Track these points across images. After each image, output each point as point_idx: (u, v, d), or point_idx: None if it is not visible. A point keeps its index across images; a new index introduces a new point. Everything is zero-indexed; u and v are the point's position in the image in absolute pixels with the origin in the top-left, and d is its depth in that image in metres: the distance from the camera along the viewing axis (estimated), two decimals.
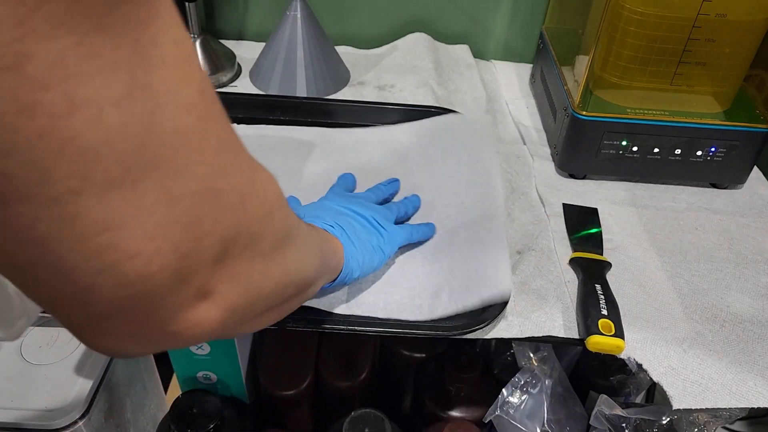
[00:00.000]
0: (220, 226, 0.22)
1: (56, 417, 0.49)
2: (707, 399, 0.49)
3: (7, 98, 0.15)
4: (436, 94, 0.78)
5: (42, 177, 0.16)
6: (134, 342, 0.23)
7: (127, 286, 0.19)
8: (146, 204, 0.19)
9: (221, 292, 0.23)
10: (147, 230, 0.19)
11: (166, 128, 0.19)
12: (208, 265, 0.22)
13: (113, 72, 0.17)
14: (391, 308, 0.51)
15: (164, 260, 0.20)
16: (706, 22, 0.59)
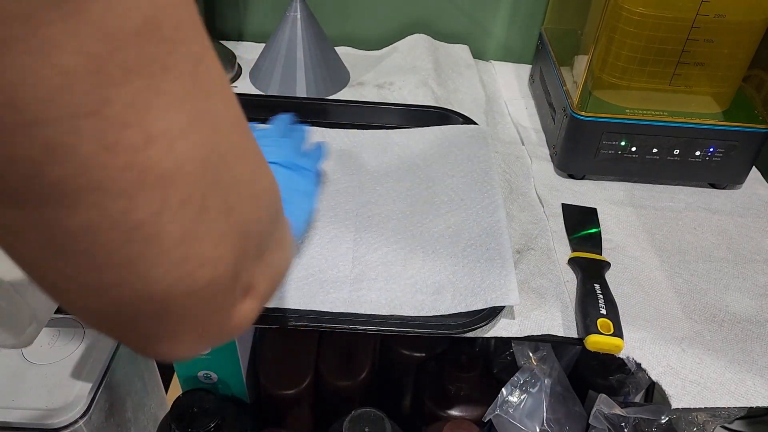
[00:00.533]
0: (260, 225, 0.24)
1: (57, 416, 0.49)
2: (706, 398, 0.49)
3: (93, 139, 0.17)
4: (436, 94, 0.78)
5: (128, 205, 0.18)
6: (197, 343, 0.25)
7: (199, 291, 0.21)
8: (212, 217, 0.21)
9: (259, 284, 0.25)
10: (213, 239, 0.21)
11: (222, 148, 0.21)
12: (252, 262, 0.24)
13: (179, 105, 0.19)
14: (393, 305, 0.51)
15: (225, 264, 0.22)
16: (705, 22, 0.59)
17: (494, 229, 0.57)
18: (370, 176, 0.64)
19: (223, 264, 0.22)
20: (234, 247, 0.22)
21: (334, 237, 0.57)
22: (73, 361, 0.53)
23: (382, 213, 0.60)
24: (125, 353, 0.57)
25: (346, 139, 0.69)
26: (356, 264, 0.55)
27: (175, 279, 0.21)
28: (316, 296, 0.51)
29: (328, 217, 0.59)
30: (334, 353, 0.67)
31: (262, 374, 0.65)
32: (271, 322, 0.50)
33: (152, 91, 0.18)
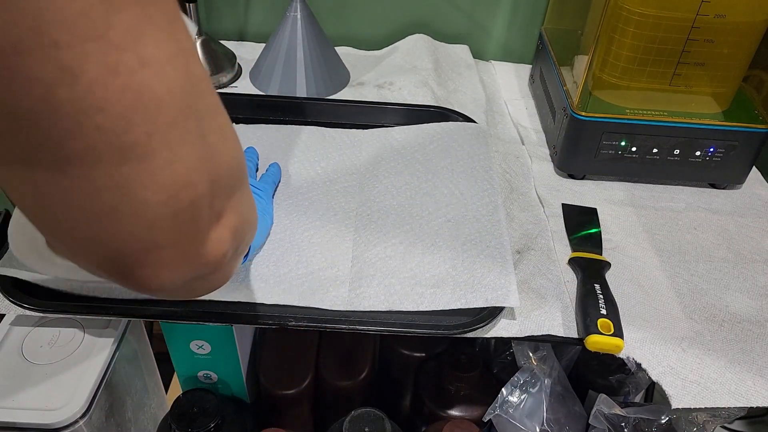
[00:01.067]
0: (228, 160, 0.26)
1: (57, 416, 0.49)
2: (706, 398, 0.49)
3: (98, 61, 0.19)
4: (436, 94, 0.78)
5: (126, 126, 0.20)
6: (177, 271, 0.26)
7: (181, 213, 0.23)
8: (192, 140, 0.22)
9: (228, 216, 0.27)
10: (193, 162, 0.23)
11: (196, 78, 0.23)
12: (223, 194, 0.26)
13: (166, 34, 0.21)
14: (393, 300, 0.51)
15: (203, 187, 0.24)
16: (705, 22, 0.59)
17: (494, 228, 0.57)
18: (369, 174, 0.64)
19: (201, 186, 0.24)
20: (209, 172, 0.24)
21: (333, 236, 0.57)
22: (73, 361, 0.53)
23: (381, 209, 0.60)
24: (125, 353, 0.57)
25: (345, 139, 0.69)
26: (356, 262, 0.55)
27: (162, 200, 0.22)
28: (315, 294, 0.51)
29: (328, 217, 0.59)
30: (334, 353, 0.67)
31: (262, 374, 0.65)
32: (271, 322, 0.50)
33: (145, 18, 0.20)
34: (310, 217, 0.59)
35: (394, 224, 0.58)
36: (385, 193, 0.62)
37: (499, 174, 0.67)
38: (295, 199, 0.61)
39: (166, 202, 0.22)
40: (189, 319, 0.50)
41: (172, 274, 0.25)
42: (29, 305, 0.50)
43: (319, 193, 0.62)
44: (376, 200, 0.61)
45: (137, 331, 0.61)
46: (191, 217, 0.24)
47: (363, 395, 0.68)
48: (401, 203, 0.60)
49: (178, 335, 0.60)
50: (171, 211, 0.23)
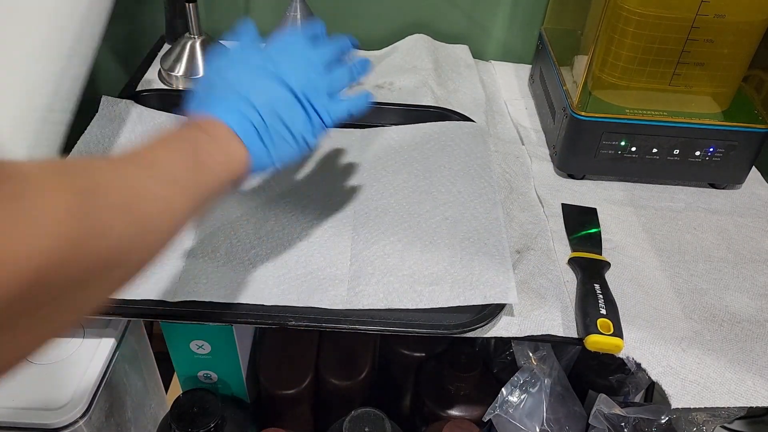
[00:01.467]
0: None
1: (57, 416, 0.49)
2: (706, 398, 0.49)
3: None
4: (436, 94, 0.78)
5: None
6: None
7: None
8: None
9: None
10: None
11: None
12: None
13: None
14: (392, 298, 0.51)
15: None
16: (705, 22, 0.60)
17: (492, 225, 0.58)
18: (367, 173, 0.64)
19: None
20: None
21: (332, 235, 0.57)
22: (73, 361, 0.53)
23: (379, 207, 0.60)
24: (125, 353, 0.57)
25: (343, 138, 0.69)
26: (354, 261, 0.55)
27: None
28: (314, 294, 0.51)
29: (326, 216, 0.59)
30: (334, 353, 0.67)
31: (262, 374, 0.65)
32: (271, 322, 0.50)
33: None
34: (308, 216, 0.59)
35: (393, 223, 0.58)
36: (383, 192, 0.62)
37: (498, 173, 0.67)
38: (294, 199, 0.61)
39: None
40: (189, 319, 0.50)
41: None
42: None
43: (318, 193, 0.62)
44: (374, 199, 0.61)
45: (137, 331, 0.61)
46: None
47: (363, 395, 0.68)
48: (399, 202, 0.61)
49: (178, 335, 0.60)
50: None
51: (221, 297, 0.51)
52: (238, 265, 0.54)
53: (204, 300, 0.51)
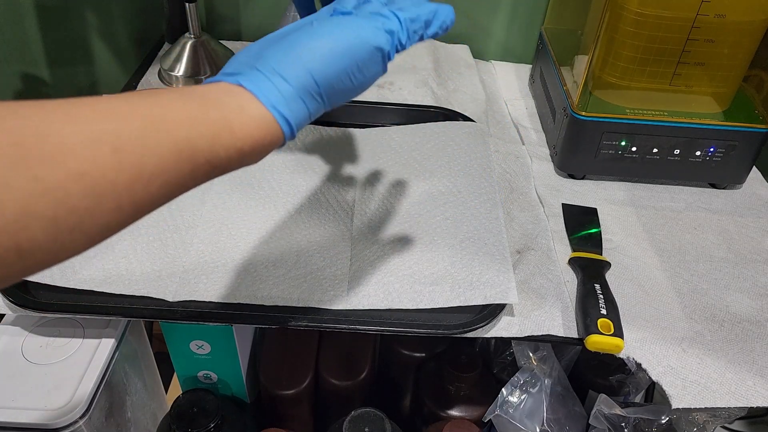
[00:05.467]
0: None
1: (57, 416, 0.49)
2: (706, 398, 0.49)
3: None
4: (436, 94, 0.78)
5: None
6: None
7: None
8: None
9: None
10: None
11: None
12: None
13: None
14: (392, 298, 0.51)
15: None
16: (705, 22, 0.59)
17: (492, 226, 0.58)
18: (366, 173, 0.65)
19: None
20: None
21: (332, 235, 0.57)
22: (73, 361, 0.53)
23: (379, 207, 0.60)
24: (125, 353, 0.57)
25: (344, 138, 0.69)
26: (354, 261, 0.55)
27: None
28: (314, 294, 0.51)
29: (326, 216, 0.59)
30: (334, 353, 0.67)
31: (262, 374, 0.65)
32: (271, 322, 0.50)
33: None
34: (308, 216, 0.59)
35: (392, 223, 0.58)
36: (382, 192, 0.62)
37: (498, 173, 0.67)
38: (293, 199, 0.61)
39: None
40: (189, 319, 0.50)
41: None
42: (29, 305, 0.50)
43: (318, 193, 0.62)
44: (374, 199, 0.61)
45: (137, 331, 0.61)
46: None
47: (363, 395, 0.68)
48: (399, 202, 0.61)
49: (178, 335, 0.60)
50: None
51: (221, 297, 0.51)
52: (238, 265, 0.54)
53: (204, 300, 0.51)
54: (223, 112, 0.31)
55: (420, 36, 0.39)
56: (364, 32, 0.35)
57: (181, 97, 0.30)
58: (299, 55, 0.34)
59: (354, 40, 0.35)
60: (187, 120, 0.29)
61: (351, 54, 0.35)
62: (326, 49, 0.34)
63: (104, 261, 0.52)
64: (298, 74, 0.33)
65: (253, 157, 0.33)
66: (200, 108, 0.30)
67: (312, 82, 0.33)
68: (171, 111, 0.29)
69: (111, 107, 0.27)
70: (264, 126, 0.32)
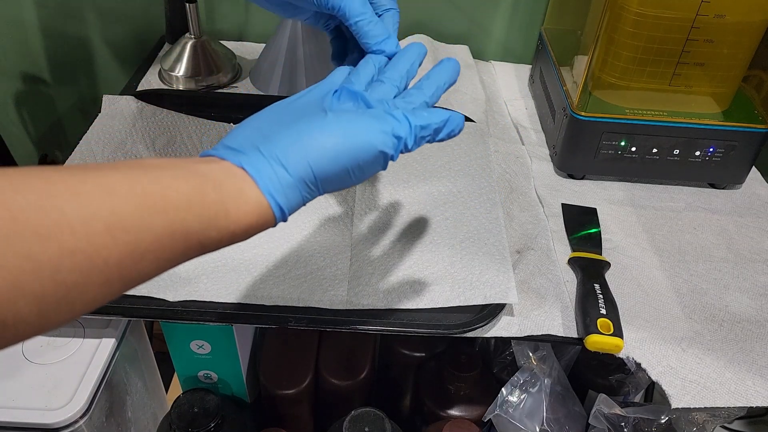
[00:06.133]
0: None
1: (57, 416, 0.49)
2: (706, 398, 0.49)
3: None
4: None
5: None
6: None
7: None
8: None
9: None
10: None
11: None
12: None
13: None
14: (392, 298, 0.51)
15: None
16: (705, 22, 0.60)
17: (492, 226, 0.58)
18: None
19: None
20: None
21: (332, 235, 0.57)
22: (73, 361, 0.53)
23: (379, 207, 0.60)
24: (125, 353, 0.57)
25: None
26: (354, 260, 0.55)
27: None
28: (314, 294, 0.51)
29: (326, 216, 0.59)
30: (334, 353, 0.67)
31: (262, 374, 0.65)
32: (271, 322, 0.50)
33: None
34: (308, 216, 0.59)
35: (392, 223, 0.58)
36: (382, 192, 0.62)
37: (498, 173, 0.67)
38: None
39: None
40: (189, 319, 0.50)
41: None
42: None
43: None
44: (374, 199, 0.61)
45: (137, 331, 0.61)
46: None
47: (363, 395, 0.68)
48: (399, 202, 0.61)
49: (178, 335, 0.60)
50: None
51: (221, 297, 0.51)
52: (238, 265, 0.54)
53: (204, 300, 0.51)
54: (221, 195, 0.31)
55: (427, 141, 0.39)
56: (372, 135, 0.35)
57: (183, 175, 0.30)
58: (304, 148, 0.34)
59: (361, 142, 0.35)
60: (185, 202, 0.29)
61: (355, 154, 0.35)
62: (331, 147, 0.34)
63: None
64: (299, 166, 0.33)
65: (243, 238, 0.33)
66: (199, 190, 0.30)
67: (311, 176, 0.34)
68: (170, 190, 0.29)
69: (113, 184, 0.27)
70: (258, 211, 0.32)
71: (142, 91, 0.74)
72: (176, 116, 0.70)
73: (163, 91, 0.77)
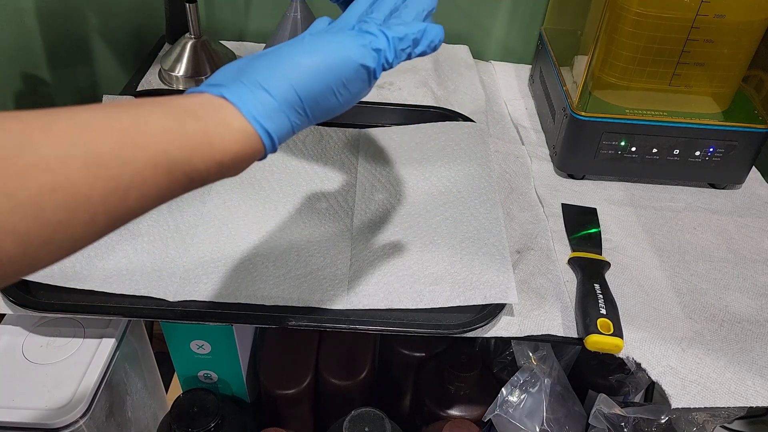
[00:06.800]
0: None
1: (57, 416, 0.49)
2: (706, 398, 0.49)
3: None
4: (436, 94, 0.78)
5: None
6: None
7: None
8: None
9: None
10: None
11: None
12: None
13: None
14: (392, 298, 0.51)
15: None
16: (705, 22, 0.60)
17: (492, 225, 0.58)
18: (367, 173, 0.65)
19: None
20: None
21: (332, 235, 0.57)
22: (73, 361, 0.53)
23: (379, 208, 0.60)
24: (125, 353, 0.57)
25: (344, 138, 0.69)
26: (354, 260, 0.55)
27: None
28: (314, 294, 0.51)
29: (326, 216, 0.59)
30: (334, 353, 0.67)
31: (262, 374, 0.65)
32: (271, 322, 0.50)
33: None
34: (308, 216, 0.59)
35: (392, 222, 0.58)
36: (382, 192, 0.62)
37: (498, 173, 0.67)
38: (293, 199, 0.61)
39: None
40: (189, 319, 0.50)
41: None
42: (30, 305, 0.50)
43: (318, 193, 0.62)
44: (374, 199, 0.61)
45: (137, 331, 0.61)
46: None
47: (363, 395, 0.68)
48: (399, 202, 0.61)
49: (178, 335, 0.60)
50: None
51: (221, 297, 0.51)
52: (238, 265, 0.54)
53: (204, 300, 0.51)
54: (202, 124, 0.30)
55: (408, 54, 0.39)
56: (350, 50, 0.35)
57: (161, 109, 0.30)
58: (284, 69, 0.33)
59: (340, 57, 0.35)
60: (164, 133, 0.29)
61: (336, 70, 0.35)
62: (311, 64, 0.34)
63: (105, 261, 0.53)
64: (281, 88, 0.33)
65: (233, 170, 0.32)
66: (179, 120, 0.30)
67: (296, 97, 0.33)
68: (148, 124, 0.29)
69: (88, 121, 0.27)
70: (244, 139, 0.32)
71: (142, 91, 0.74)
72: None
73: (163, 91, 0.77)
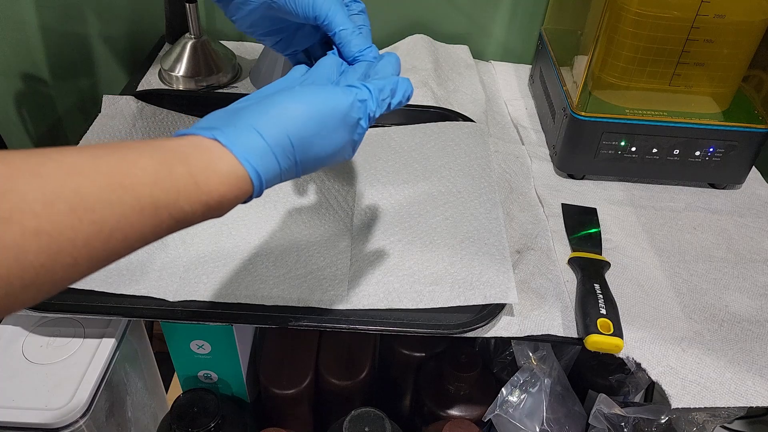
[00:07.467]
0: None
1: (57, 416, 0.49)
2: (706, 398, 0.49)
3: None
4: (436, 94, 0.78)
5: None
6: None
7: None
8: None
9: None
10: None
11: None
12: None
13: None
14: (392, 298, 0.51)
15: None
16: (705, 22, 0.60)
17: (492, 225, 0.58)
18: (367, 173, 0.65)
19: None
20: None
21: (332, 235, 0.57)
22: (73, 361, 0.53)
23: (379, 207, 0.60)
24: (125, 353, 0.57)
25: None
26: (354, 260, 0.55)
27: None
28: (314, 294, 0.51)
29: (326, 216, 0.59)
30: (334, 353, 0.67)
31: (263, 374, 0.65)
32: (271, 322, 0.50)
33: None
34: (308, 216, 0.59)
35: (392, 223, 0.58)
36: (383, 192, 0.62)
37: (498, 173, 0.67)
38: (293, 199, 0.61)
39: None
40: (189, 319, 0.50)
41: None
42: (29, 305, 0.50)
43: (317, 193, 0.62)
44: (374, 199, 0.61)
45: (137, 331, 0.61)
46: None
47: (363, 395, 0.68)
48: (399, 202, 0.61)
49: (178, 335, 0.60)
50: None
51: (221, 297, 0.51)
52: (238, 265, 0.54)
53: (204, 300, 0.51)
54: (189, 167, 0.30)
55: (387, 105, 0.41)
56: (338, 100, 0.37)
57: (149, 151, 0.30)
58: (276, 115, 0.34)
59: (330, 107, 0.36)
60: (151, 177, 0.29)
61: (326, 119, 0.36)
62: (303, 111, 0.35)
63: None
64: (273, 132, 0.34)
65: (219, 211, 0.33)
66: (166, 162, 0.30)
67: (287, 141, 0.34)
68: (136, 168, 0.29)
69: (75, 162, 0.27)
70: (232, 180, 0.32)
71: (142, 91, 0.74)
72: (176, 116, 0.70)
73: (163, 91, 0.77)
